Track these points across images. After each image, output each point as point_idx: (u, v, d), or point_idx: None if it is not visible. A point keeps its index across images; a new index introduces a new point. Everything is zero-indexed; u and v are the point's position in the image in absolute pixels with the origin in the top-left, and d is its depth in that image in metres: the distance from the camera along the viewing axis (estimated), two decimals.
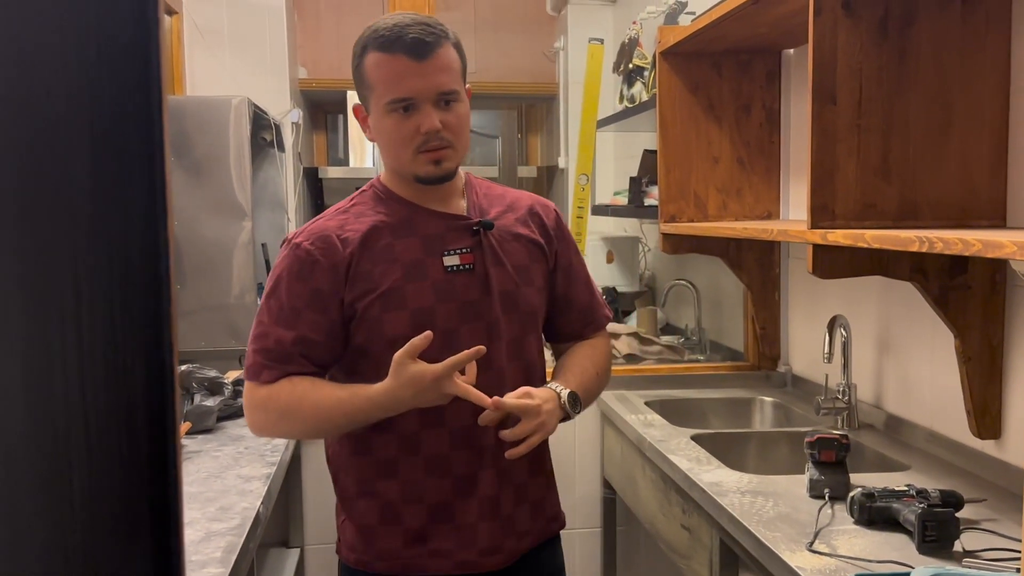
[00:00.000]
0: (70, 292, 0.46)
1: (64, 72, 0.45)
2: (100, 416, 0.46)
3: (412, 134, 1.42)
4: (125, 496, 0.48)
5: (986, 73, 1.70)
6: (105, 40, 0.46)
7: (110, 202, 0.46)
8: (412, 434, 1.46)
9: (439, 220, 1.49)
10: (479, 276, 1.47)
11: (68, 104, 0.46)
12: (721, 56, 2.57)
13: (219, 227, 2.83)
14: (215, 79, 3.28)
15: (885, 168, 1.70)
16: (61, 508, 0.47)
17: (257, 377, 1.45)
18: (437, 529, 1.47)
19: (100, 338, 0.46)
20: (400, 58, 1.40)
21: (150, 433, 0.48)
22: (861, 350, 2.21)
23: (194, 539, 1.50)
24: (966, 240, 1.30)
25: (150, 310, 0.47)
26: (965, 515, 1.49)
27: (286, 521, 2.64)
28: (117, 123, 0.47)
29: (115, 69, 0.46)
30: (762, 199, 2.61)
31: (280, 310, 1.44)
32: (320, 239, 1.45)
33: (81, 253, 0.46)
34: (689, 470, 1.88)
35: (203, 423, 2.23)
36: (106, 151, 0.46)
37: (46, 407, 0.46)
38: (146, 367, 0.47)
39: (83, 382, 0.46)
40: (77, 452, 0.46)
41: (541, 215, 1.60)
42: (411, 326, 1.41)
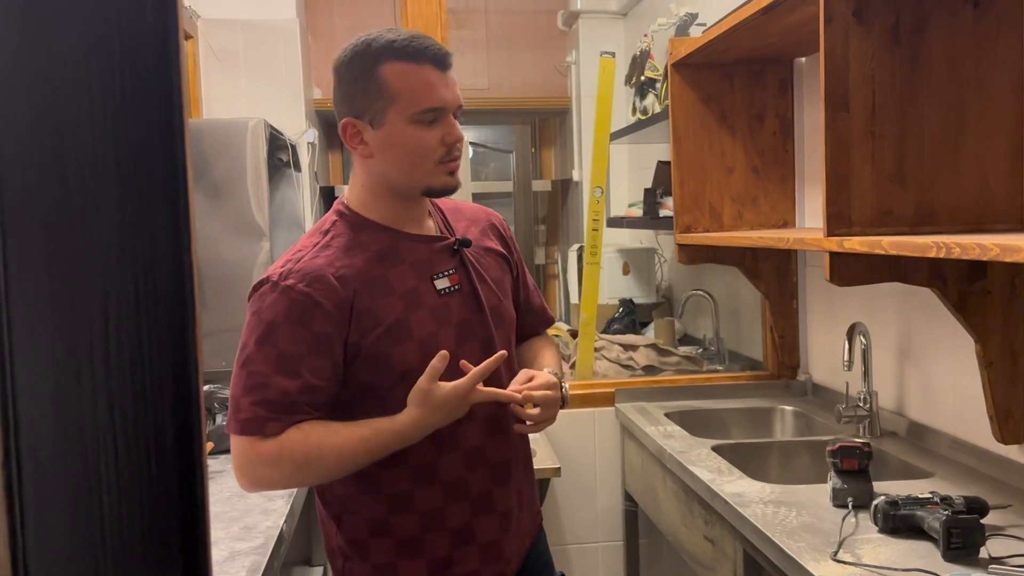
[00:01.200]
0: (99, 315, 0.47)
1: (90, 101, 0.47)
2: (128, 435, 0.47)
3: (436, 144, 1.40)
4: (154, 515, 0.48)
5: (999, 77, 1.70)
6: (129, 69, 0.47)
7: (136, 227, 0.47)
8: (427, 464, 1.43)
9: (422, 244, 1.46)
10: (468, 295, 1.47)
11: (94, 132, 0.47)
12: (733, 66, 2.57)
13: (238, 248, 2.85)
14: (231, 102, 3.31)
15: (900, 174, 1.70)
16: (91, 527, 0.47)
17: (260, 431, 1.34)
18: (461, 553, 1.45)
19: (128, 359, 0.47)
20: (428, 68, 1.38)
21: (178, 452, 0.49)
22: (881, 357, 2.19)
23: (218, 558, 1.51)
24: (983, 245, 1.30)
25: (176, 331, 0.48)
26: (990, 521, 1.48)
27: (309, 539, 2.64)
28: (142, 149, 0.48)
29: (139, 97, 0.47)
30: (778, 208, 2.61)
31: (280, 358, 1.34)
32: (316, 279, 1.36)
33: (109, 277, 0.47)
34: (711, 481, 1.87)
35: (225, 443, 2.24)
36: (132, 177, 0.47)
37: (75, 427, 0.47)
38: (173, 387, 0.48)
39: (111, 402, 0.47)
40: (106, 471, 0.47)
41: (498, 227, 1.63)
42: (420, 355, 1.38)
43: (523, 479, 1.56)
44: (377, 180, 1.44)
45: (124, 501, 0.47)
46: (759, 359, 2.86)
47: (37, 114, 0.46)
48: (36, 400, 0.46)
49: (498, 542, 1.49)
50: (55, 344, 0.47)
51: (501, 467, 1.49)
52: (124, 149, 0.47)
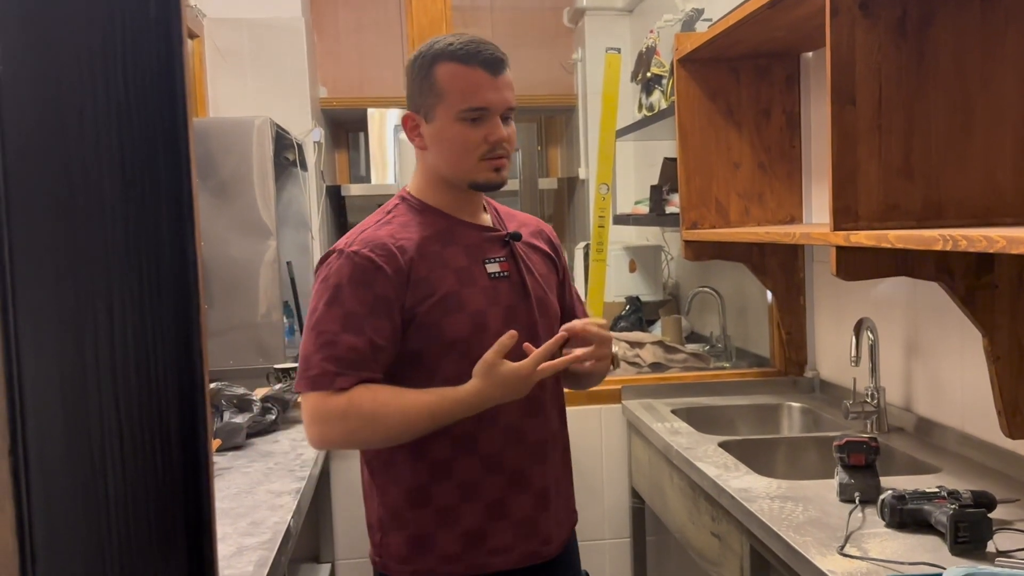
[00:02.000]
0: (104, 308, 0.47)
1: (94, 99, 0.47)
2: (134, 426, 0.47)
3: (479, 142, 1.51)
4: (159, 507, 0.49)
5: (1007, 70, 1.69)
6: (133, 67, 0.48)
7: (141, 221, 0.48)
8: (468, 435, 1.51)
9: (475, 231, 1.58)
10: (516, 283, 1.57)
11: (98, 129, 0.47)
12: (739, 61, 2.57)
13: (245, 247, 2.86)
14: (237, 101, 3.32)
15: (907, 168, 1.69)
16: (97, 517, 0.48)
17: (331, 385, 1.44)
18: (494, 526, 1.53)
19: (133, 351, 0.47)
20: (478, 71, 1.50)
21: (183, 445, 0.49)
22: (889, 353, 2.19)
23: (226, 554, 1.52)
24: (990, 237, 1.30)
25: (181, 324, 0.48)
26: (998, 516, 1.47)
27: (316, 536, 2.65)
28: (146, 145, 0.48)
29: (143, 94, 0.48)
30: (784, 203, 2.60)
31: (346, 317, 1.45)
32: (379, 247, 1.49)
33: (114, 271, 0.47)
34: (718, 477, 1.87)
35: (233, 440, 2.25)
36: (136, 172, 0.48)
37: (82, 419, 0.47)
38: (178, 379, 0.48)
39: (117, 394, 0.47)
40: (112, 462, 0.48)
41: (547, 234, 1.74)
42: (469, 328, 1.49)
43: (560, 466, 1.63)
44: (431, 170, 1.57)
45: (130, 491, 0.48)
46: (766, 356, 2.86)
47: (43, 112, 0.47)
48: (43, 392, 0.47)
49: (533, 520, 1.55)
50: (62, 337, 0.47)
51: (538, 447, 1.57)
52: (128, 145, 0.48)
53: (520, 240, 1.61)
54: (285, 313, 3.06)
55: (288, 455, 2.21)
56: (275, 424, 2.45)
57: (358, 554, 2.69)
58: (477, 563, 1.53)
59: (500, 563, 1.53)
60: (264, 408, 2.41)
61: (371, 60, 4.56)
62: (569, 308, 1.74)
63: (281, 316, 2.96)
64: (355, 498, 2.66)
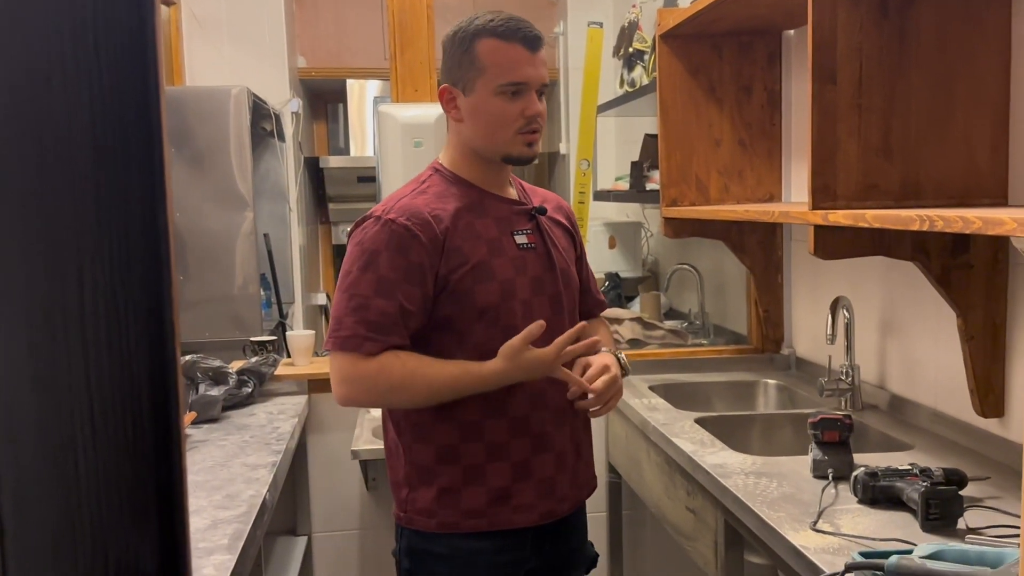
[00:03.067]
0: (73, 279, 0.46)
1: (63, 66, 0.46)
2: (104, 398, 0.47)
3: (516, 116, 1.56)
4: (131, 480, 0.48)
5: (987, 51, 1.70)
6: (104, 33, 0.46)
7: (111, 189, 0.47)
8: (497, 398, 1.56)
9: (504, 204, 1.64)
10: (542, 254, 1.63)
11: (68, 94, 0.46)
12: (721, 38, 2.56)
13: (221, 218, 2.83)
14: (214, 69, 3.27)
15: (886, 148, 1.70)
16: (68, 493, 0.47)
17: (359, 348, 1.49)
18: (519, 486, 1.59)
19: (103, 322, 0.46)
20: (517, 47, 1.55)
21: (154, 418, 0.48)
22: (864, 331, 2.21)
23: (200, 527, 1.51)
24: (966, 218, 1.30)
25: (152, 294, 0.47)
26: (969, 493, 1.49)
27: (293, 509, 2.65)
28: (117, 111, 0.47)
29: (114, 62, 0.47)
30: (764, 181, 2.61)
31: (379, 282, 1.50)
32: (415, 215, 1.53)
33: (84, 239, 0.46)
34: (693, 453, 1.88)
35: (208, 412, 2.24)
36: (106, 139, 0.47)
37: (51, 390, 0.46)
38: (149, 349, 0.47)
39: (87, 364, 0.46)
40: (83, 437, 0.47)
41: (566, 209, 1.80)
42: (499, 296, 1.55)
43: (581, 430, 1.71)
44: (466, 143, 1.62)
45: (101, 464, 0.47)
46: (744, 333, 2.88)
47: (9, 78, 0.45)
48: (11, 362, 0.46)
49: (552, 480, 1.62)
50: (30, 307, 0.46)
51: (560, 411, 1.63)
52: (99, 113, 0.46)
53: (545, 214, 1.67)
54: (262, 286, 3.04)
55: (264, 428, 2.21)
56: (251, 397, 2.44)
57: (334, 527, 2.69)
58: (500, 520, 1.59)
59: (522, 520, 1.60)
60: (240, 381, 2.40)
61: (350, 30, 4.51)
62: (585, 283, 1.80)
63: (258, 289, 2.94)
64: (332, 471, 2.67)
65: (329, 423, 2.63)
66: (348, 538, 2.70)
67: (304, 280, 3.70)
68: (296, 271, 3.56)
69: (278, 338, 2.78)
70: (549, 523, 1.63)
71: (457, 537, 1.58)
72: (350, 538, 2.70)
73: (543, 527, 1.63)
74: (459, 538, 1.58)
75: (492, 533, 1.59)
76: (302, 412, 2.44)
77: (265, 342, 2.64)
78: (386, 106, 2.78)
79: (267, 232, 3.17)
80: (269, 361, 2.52)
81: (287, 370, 2.61)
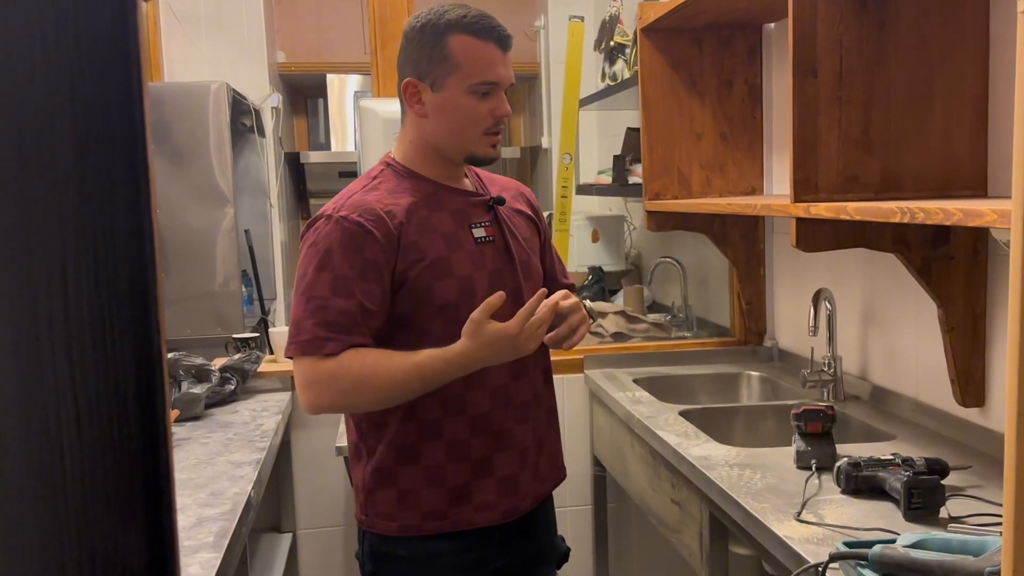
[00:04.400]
0: (57, 276, 0.46)
1: (46, 61, 0.45)
2: (90, 395, 0.46)
3: (486, 116, 1.53)
4: (117, 477, 0.48)
5: (966, 44, 1.71)
6: (85, 27, 0.46)
7: (95, 187, 0.46)
8: (457, 396, 1.54)
9: (459, 196, 1.60)
10: (500, 247, 1.60)
11: (50, 92, 0.46)
12: (702, 31, 2.57)
13: (201, 214, 2.82)
14: (193, 65, 3.25)
15: (867, 140, 1.71)
16: (55, 491, 0.47)
17: (320, 351, 1.45)
18: (480, 484, 1.56)
19: (88, 319, 0.46)
20: (491, 46, 1.52)
21: (141, 414, 0.48)
22: (846, 322, 2.22)
23: (186, 524, 1.51)
24: (946, 210, 1.31)
25: (137, 291, 0.47)
26: (951, 482, 1.51)
27: (278, 506, 2.64)
28: (100, 108, 0.46)
29: (96, 55, 0.46)
30: (746, 174, 2.62)
31: (336, 281, 1.46)
32: (368, 211, 1.49)
33: (68, 237, 0.46)
34: (678, 445, 1.89)
35: (191, 410, 2.23)
36: (89, 136, 0.46)
37: (36, 388, 0.46)
38: (135, 346, 0.47)
39: (72, 362, 0.46)
40: (68, 435, 0.46)
41: (527, 196, 1.75)
42: (458, 292, 1.51)
43: (545, 425, 1.67)
44: (427, 139, 1.57)
45: (87, 463, 0.47)
46: (727, 325, 2.89)
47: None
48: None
49: (515, 477, 1.59)
50: (14, 304, 0.46)
51: (523, 407, 1.61)
52: (81, 111, 0.46)
53: (504, 205, 1.64)
54: (244, 282, 3.02)
55: (248, 425, 2.20)
56: (234, 394, 2.42)
57: (319, 524, 2.69)
58: (462, 519, 1.56)
59: (483, 519, 1.57)
60: (223, 378, 2.39)
61: (330, 25, 4.49)
62: (550, 269, 1.76)
63: (239, 285, 2.93)
64: (316, 468, 2.66)
65: (313, 419, 2.62)
66: (333, 534, 2.70)
67: (286, 276, 3.69)
68: (278, 267, 3.55)
69: (260, 335, 2.77)
70: (514, 520, 1.61)
71: (418, 539, 1.56)
72: (335, 534, 2.70)
73: (508, 524, 1.60)
74: (421, 540, 1.56)
75: (454, 534, 1.56)
76: (286, 409, 2.44)
77: (247, 339, 2.63)
78: (367, 101, 2.77)
79: (248, 228, 3.16)
80: (252, 358, 2.50)
81: (270, 367, 2.60)
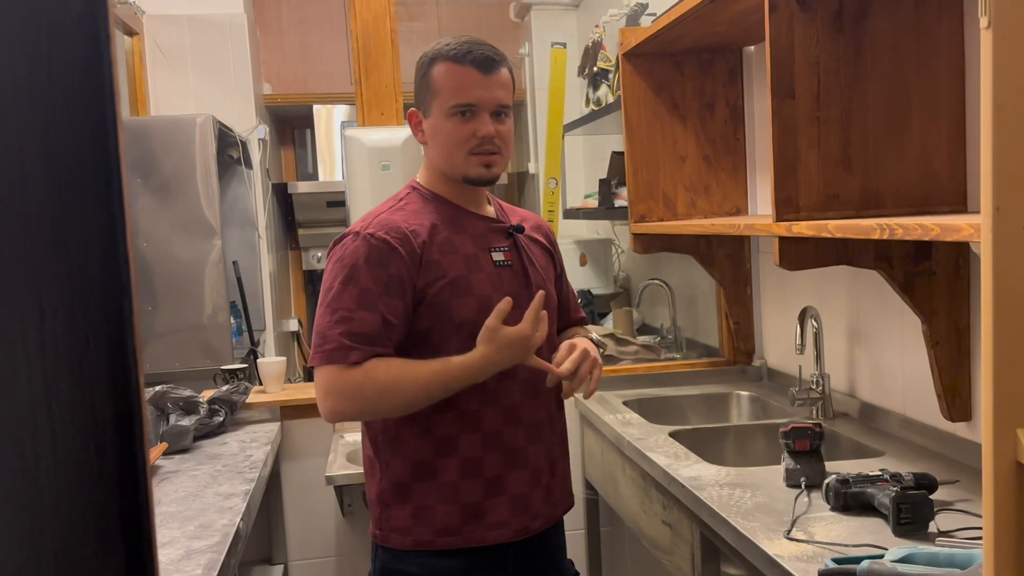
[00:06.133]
0: (33, 307, 0.46)
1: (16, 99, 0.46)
2: (67, 428, 0.47)
3: (468, 137, 1.58)
4: (96, 509, 0.48)
5: (941, 61, 1.73)
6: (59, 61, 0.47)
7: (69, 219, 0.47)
8: (472, 412, 1.58)
9: (480, 221, 1.66)
10: (518, 272, 1.65)
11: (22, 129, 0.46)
12: (683, 55, 2.59)
13: (189, 246, 2.82)
14: (179, 98, 3.26)
15: (846, 159, 1.73)
16: (31, 525, 0.47)
17: (345, 359, 1.49)
18: (492, 503, 1.60)
19: (64, 351, 0.46)
20: (468, 69, 1.58)
21: (118, 448, 0.48)
22: (832, 340, 2.23)
23: (174, 557, 1.50)
24: (925, 225, 1.33)
25: (113, 322, 0.47)
26: (939, 497, 1.51)
27: (268, 537, 2.62)
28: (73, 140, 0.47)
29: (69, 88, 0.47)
30: (730, 195, 2.64)
31: (361, 295, 1.52)
32: (394, 229, 1.56)
33: (42, 269, 0.46)
34: (668, 466, 1.89)
35: (179, 443, 2.22)
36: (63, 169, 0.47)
37: (13, 422, 0.46)
38: (112, 378, 0.47)
39: (48, 395, 0.46)
40: (46, 467, 0.46)
41: (545, 229, 1.83)
42: (476, 311, 1.56)
43: (557, 448, 1.72)
44: (433, 163, 1.66)
45: (64, 495, 0.47)
46: (715, 346, 2.90)
47: None
48: None
49: (527, 497, 1.63)
50: None
51: (535, 428, 1.65)
52: (55, 145, 0.46)
53: (523, 232, 1.70)
54: (232, 314, 3.02)
55: (237, 457, 2.19)
56: (223, 426, 2.41)
57: (310, 554, 2.67)
58: (475, 536, 1.59)
59: (495, 537, 1.60)
60: (211, 410, 2.38)
61: (316, 56, 4.52)
62: (564, 302, 1.83)
63: (228, 317, 2.92)
64: (307, 498, 2.64)
65: (303, 449, 2.61)
66: (325, 565, 2.68)
67: (275, 307, 3.68)
68: (266, 298, 3.55)
69: (249, 366, 2.76)
70: (524, 540, 1.64)
71: (431, 555, 1.59)
72: (327, 565, 2.68)
73: (519, 544, 1.63)
74: (433, 556, 1.59)
75: (466, 551, 1.59)
76: (275, 439, 2.43)
77: (236, 370, 2.62)
78: (353, 130, 2.79)
79: (236, 260, 3.16)
80: (240, 389, 2.50)
81: (259, 397, 2.59)
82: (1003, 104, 0.73)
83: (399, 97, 2.79)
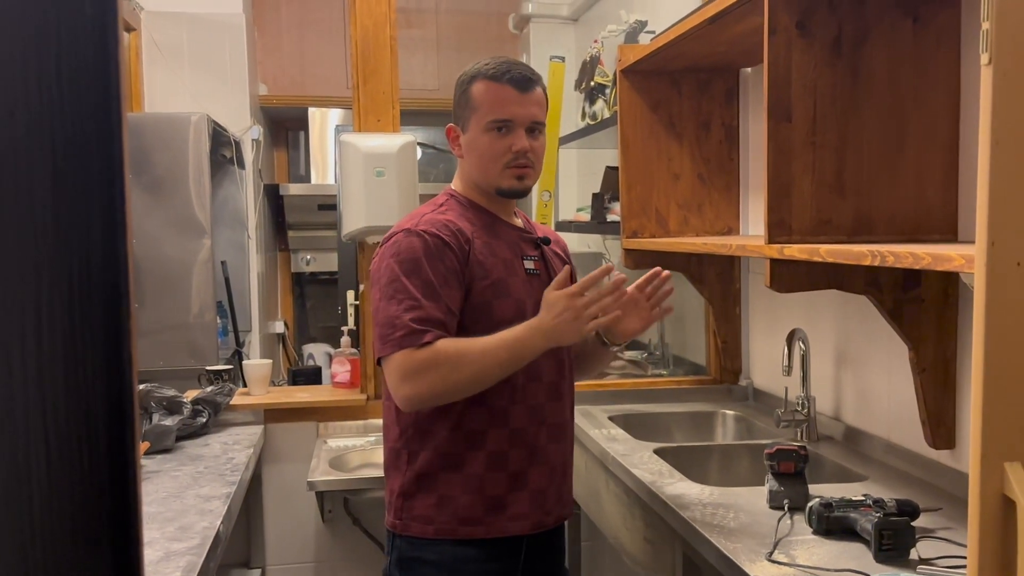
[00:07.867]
0: (31, 307, 0.46)
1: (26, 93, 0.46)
2: (60, 428, 0.46)
3: (504, 151, 1.66)
4: (85, 508, 0.48)
5: (937, 90, 1.75)
6: (66, 61, 0.46)
7: (72, 221, 0.47)
8: (502, 408, 1.65)
9: (512, 231, 1.75)
10: (546, 283, 1.69)
11: (30, 126, 0.46)
12: (681, 74, 2.61)
13: (178, 245, 2.81)
14: (174, 96, 3.25)
15: (840, 184, 1.74)
16: (20, 519, 0.46)
17: (417, 342, 1.55)
18: (515, 496, 1.66)
19: (60, 352, 0.46)
20: (506, 87, 1.66)
21: (110, 449, 0.48)
22: (820, 363, 2.24)
23: (153, 559, 1.48)
24: (916, 254, 1.34)
25: (110, 324, 0.47)
26: (921, 524, 1.51)
27: (247, 541, 2.61)
28: (78, 141, 0.47)
29: (76, 89, 0.47)
30: (723, 215, 2.65)
31: (426, 286, 1.58)
32: (443, 226, 1.63)
33: (42, 269, 0.46)
34: (652, 483, 1.89)
35: (162, 443, 2.20)
36: (67, 169, 0.47)
37: (6, 420, 0.46)
38: (107, 380, 0.47)
39: (43, 395, 0.46)
40: (37, 465, 0.46)
41: (562, 244, 1.91)
42: (513, 313, 1.63)
43: (569, 452, 1.79)
44: (468, 175, 1.74)
45: (55, 495, 0.46)
46: (702, 364, 2.90)
47: None
48: None
49: (544, 492, 1.70)
50: None
51: (556, 428, 1.73)
52: (60, 143, 0.46)
53: (549, 245, 1.80)
54: (219, 314, 3.01)
55: (219, 459, 2.17)
56: (206, 427, 2.40)
57: (288, 560, 2.65)
58: (496, 527, 1.65)
59: (516, 528, 1.67)
60: (195, 411, 2.37)
61: (313, 59, 4.51)
62: None
63: (215, 317, 2.91)
64: (287, 503, 2.63)
65: (285, 454, 2.60)
66: (303, 571, 2.66)
67: (262, 308, 3.67)
68: (254, 299, 3.53)
69: (234, 367, 2.75)
70: (536, 535, 1.70)
71: (450, 543, 1.64)
72: (305, 571, 2.66)
73: (532, 539, 1.70)
74: (452, 545, 1.64)
75: (485, 541, 1.65)
76: (257, 442, 2.41)
77: (221, 371, 2.61)
78: (348, 135, 2.79)
79: (225, 260, 3.15)
80: (224, 391, 2.48)
81: (243, 399, 2.57)
82: (1001, 140, 0.74)
83: (396, 104, 2.79)
